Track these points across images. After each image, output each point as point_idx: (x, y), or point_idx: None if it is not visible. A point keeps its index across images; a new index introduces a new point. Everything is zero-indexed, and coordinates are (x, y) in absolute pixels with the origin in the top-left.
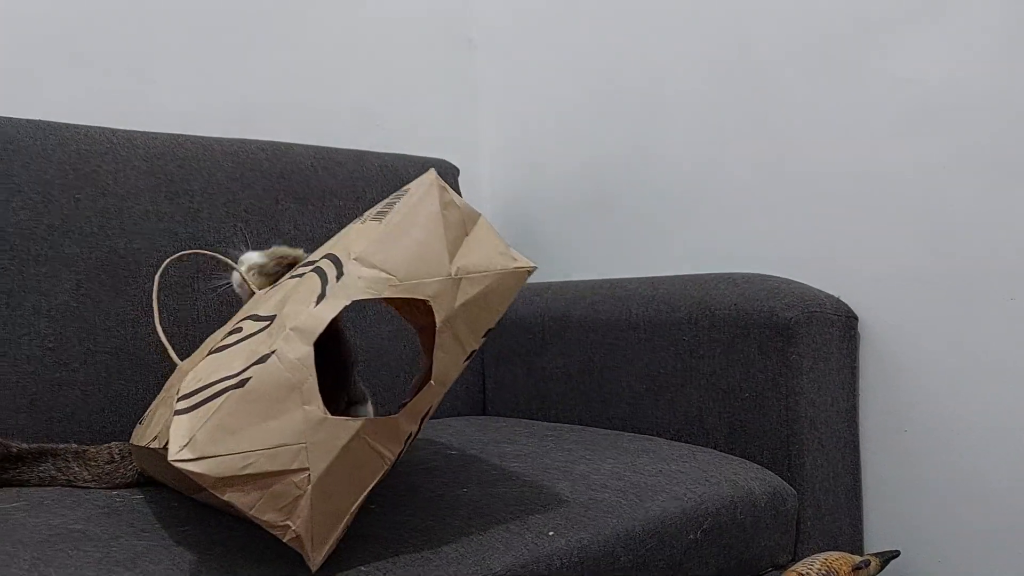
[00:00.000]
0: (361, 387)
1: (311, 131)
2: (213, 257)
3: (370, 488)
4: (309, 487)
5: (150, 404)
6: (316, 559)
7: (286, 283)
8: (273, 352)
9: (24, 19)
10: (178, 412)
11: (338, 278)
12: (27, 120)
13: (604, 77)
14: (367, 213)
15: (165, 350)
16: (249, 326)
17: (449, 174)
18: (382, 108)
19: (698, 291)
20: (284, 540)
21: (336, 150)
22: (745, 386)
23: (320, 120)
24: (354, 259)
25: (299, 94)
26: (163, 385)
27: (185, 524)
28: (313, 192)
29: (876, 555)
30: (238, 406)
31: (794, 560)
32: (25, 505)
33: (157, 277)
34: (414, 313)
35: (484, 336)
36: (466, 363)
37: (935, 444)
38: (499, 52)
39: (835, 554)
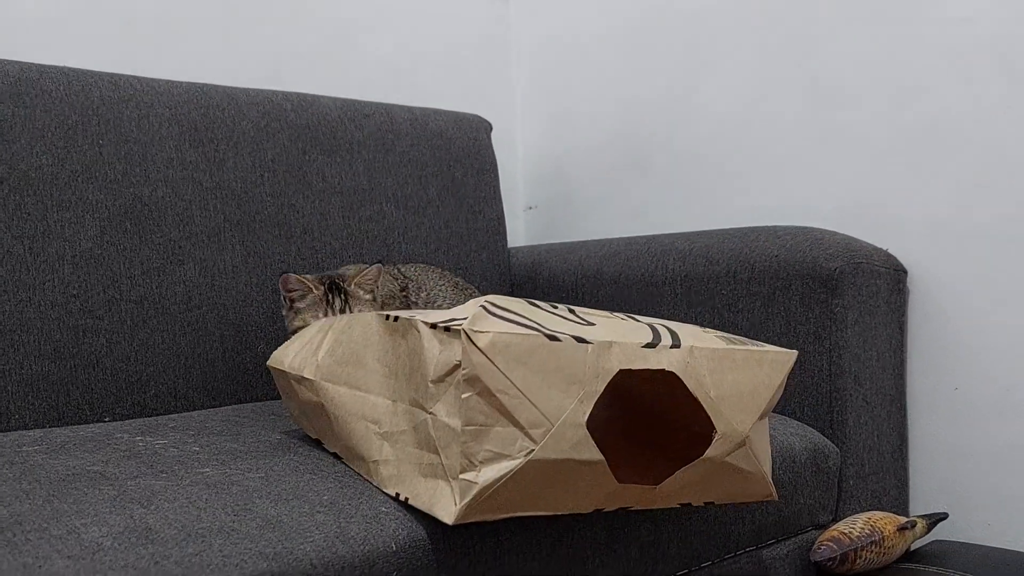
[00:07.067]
0: None
1: (341, 85)
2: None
3: (555, 512)
4: (523, 460)
5: (177, 351)
6: (460, 515)
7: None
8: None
9: None
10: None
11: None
12: (50, 65)
13: (641, 26)
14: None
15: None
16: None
17: (482, 129)
18: (414, 62)
19: (737, 244)
20: (457, 476)
21: (364, 103)
22: (785, 340)
23: (351, 74)
24: (691, 346)
25: (329, 48)
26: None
27: (205, 467)
28: (341, 144)
29: (923, 517)
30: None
31: (836, 519)
32: (47, 448)
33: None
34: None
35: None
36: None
37: (988, 404)
38: (533, 3)
39: (879, 514)
